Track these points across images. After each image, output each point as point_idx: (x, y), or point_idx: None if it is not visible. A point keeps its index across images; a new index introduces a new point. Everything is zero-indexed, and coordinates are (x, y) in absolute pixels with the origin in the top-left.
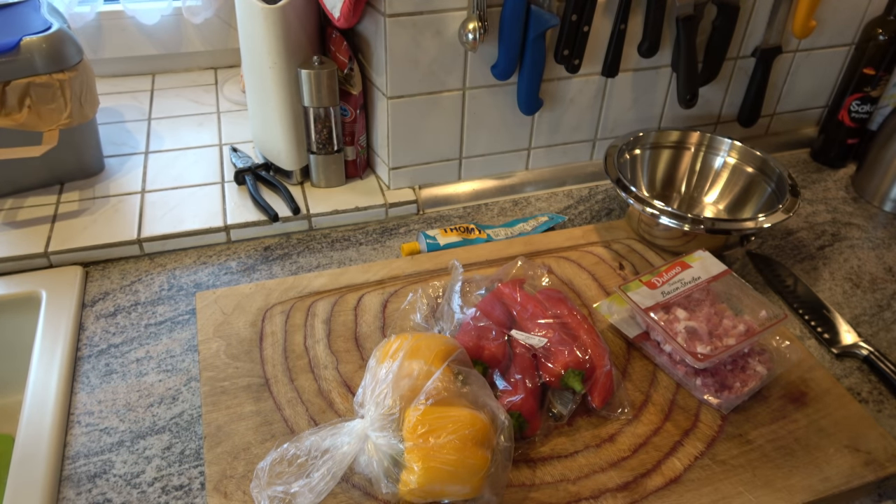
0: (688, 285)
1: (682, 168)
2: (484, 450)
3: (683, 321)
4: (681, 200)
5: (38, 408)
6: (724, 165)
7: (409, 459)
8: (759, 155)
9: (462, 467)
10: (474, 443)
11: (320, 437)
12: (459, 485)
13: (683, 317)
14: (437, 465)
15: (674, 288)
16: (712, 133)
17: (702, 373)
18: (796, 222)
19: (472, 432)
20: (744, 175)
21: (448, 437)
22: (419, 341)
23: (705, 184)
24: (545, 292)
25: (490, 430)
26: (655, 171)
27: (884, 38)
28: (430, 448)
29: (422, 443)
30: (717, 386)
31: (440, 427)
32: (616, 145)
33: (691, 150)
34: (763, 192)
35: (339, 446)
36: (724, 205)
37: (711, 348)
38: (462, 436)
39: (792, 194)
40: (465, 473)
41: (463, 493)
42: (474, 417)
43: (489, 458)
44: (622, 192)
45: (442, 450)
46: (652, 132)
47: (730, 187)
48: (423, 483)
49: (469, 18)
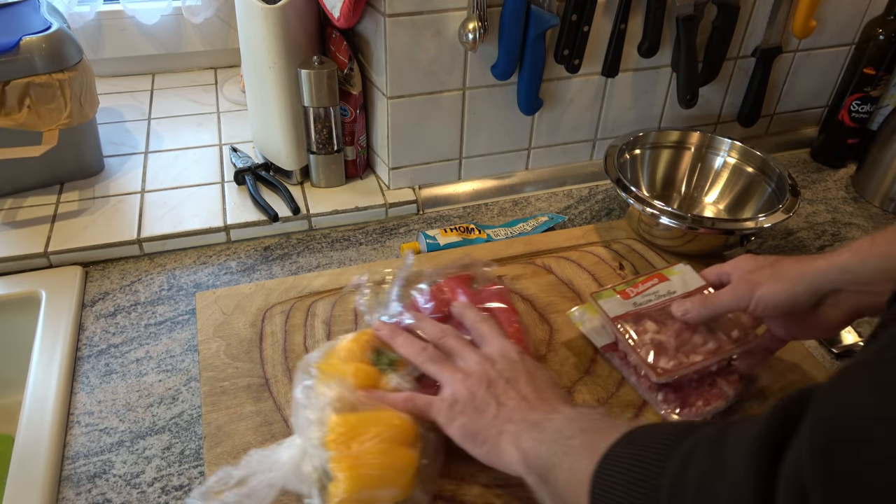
0: (662, 298)
1: (683, 168)
2: (410, 449)
3: (651, 333)
4: (681, 200)
5: (37, 408)
6: (724, 165)
7: (334, 469)
8: (760, 155)
9: (389, 470)
10: (399, 443)
11: (263, 454)
12: (388, 488)
13: (652, 329)
14: (364, 471)
15: (647, 300)
16: (712, 133)
17: (664, 388)
18: (796, 222)
19: (396, 433)
20: (744, 175)
21: (372, 442)
22: (339, 344)
23: (705, 184)
24: (489, 289)
25: (414, 427)
26: (655, 171)
27: (884, 38)
28: (354, 455)
29: (345, 450)
30: (678, 402)
31: (363, 432)
32: (616, 145)
33: (692, 150)
34: (763, 192)
35: (278, 459)
36: (724, 205)
37: (675, 363)
38: (386, 438)
39: (792, 194)
40: (392, 476)
41: (394, 496)
42: (396, 417)
43: (416, 456)
44: (622, 192)
45: (367, 455)
46: (652, 132)
47: (730, 187)
48: (351, 491)
49: (469, 18)
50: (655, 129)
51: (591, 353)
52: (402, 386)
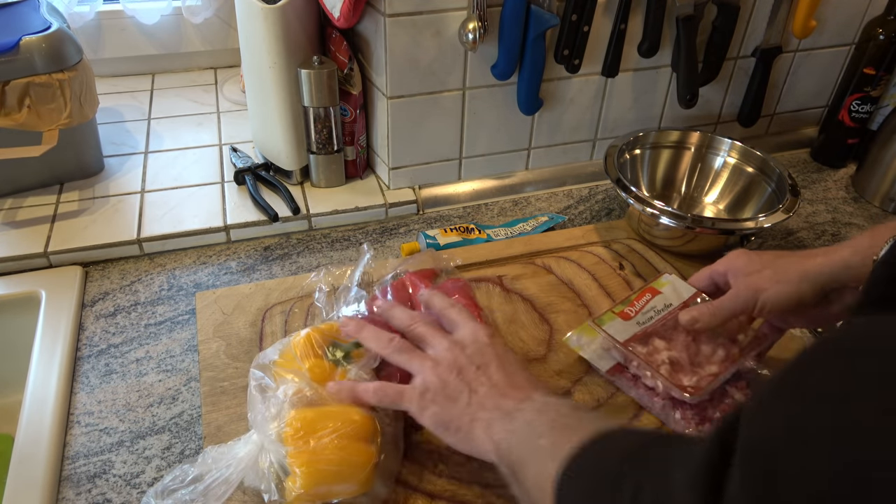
0: (661, 313)
1: (683, 168)
2: (367, 444)
3: (664, 351)
4: (681, 200)
5: (37, 408)
6: (724, 165)
7: (291, 464)
8: (760, 155)
9: (346, 465)
10: (357, 438)
11: (220, 451)
12: (346, 483)
13: (663, 347)
14: (321, 466)
15: (648, 317)
16: (712, 133)
17: (681, 405)
18: (796, 222)
19: (354, 428)
20: (744, 175)
21: (329, 437)
22: (295, 339)
23: (705, 184)
24: (450, 283)
25: (372, 422)
26: (655, 172)
27: (884, 38)
28: (312, 451)
29: (302, 446)
30: (697, 419)
31: (321, 427)
32: (616, 145)
33: (691, 150)
34: (763, 192)
35: (235, 455)
36: (724, 205)
37: (697, 379)
38: (343, 433)
39: (792, 194)
40: (350, 471)
41: (352, 491)
42: (355, 412)
43: (374, 451)
44: (622, 192)
45: (324, 451)
46: (652, 132)
47: (730, 187)
48: (308, 486)
49: (469, 18)
50: (655, 129)
51: None
52: (362, 377)
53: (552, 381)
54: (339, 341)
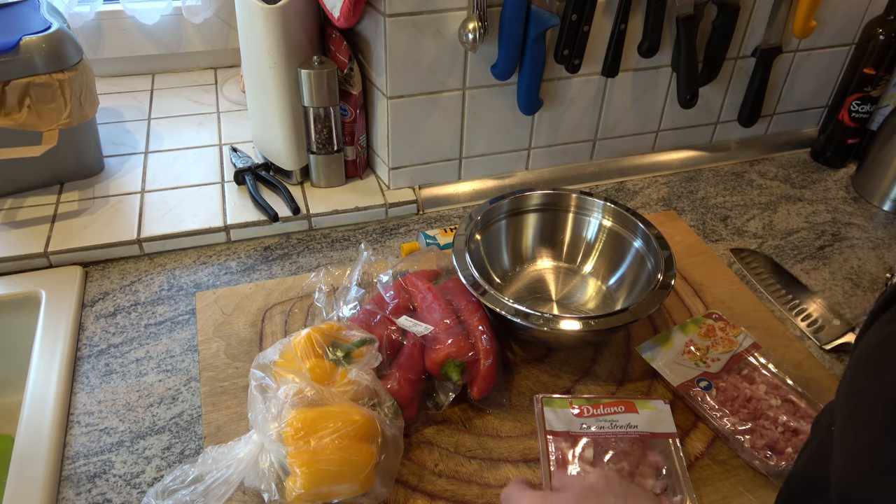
0: (619, 429)
1: (557, 233)
2: (368, 444)
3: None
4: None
5: (37, 408)
6: (599, 228)
7: (292, 464)
8: (622, 212)
9: (347, 466)
10: (358, 439)
11: (220, 451)
12: (347, 483)
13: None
14: (322, 467)
15: (600, 426)
16: (586, 193)
17: (751, 432)
18: (797, 222)
19: (355, 429)
20: (615, 237)
21: (330, 438)
22: (295, 339)
23: (578, 253)
24: (450, 283)
25: (373, 422)
26: (520, 241)
27: (884, 38)
28: (312, 451)
29: (303, 446)
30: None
31: (321, 427)
32: (462, 233)
33: (559, 211)
34: (633, 251)
35: (235, 455)
36: (602, 274)
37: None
38: (344, 434)
39: (662, 247)
40: (350, 472)
41: (353, 491)
42: (356, 412)
43: (375, 452)
44: (471, 287)
45: (325, 451)
46: (507, 198)
47: (607, 253)
48: (308, 486)
49: (469, 18)
50: (513, 193)
51: (590, 352)
52: (361, 378)
53: (551, 381)
54: (340, 341)
